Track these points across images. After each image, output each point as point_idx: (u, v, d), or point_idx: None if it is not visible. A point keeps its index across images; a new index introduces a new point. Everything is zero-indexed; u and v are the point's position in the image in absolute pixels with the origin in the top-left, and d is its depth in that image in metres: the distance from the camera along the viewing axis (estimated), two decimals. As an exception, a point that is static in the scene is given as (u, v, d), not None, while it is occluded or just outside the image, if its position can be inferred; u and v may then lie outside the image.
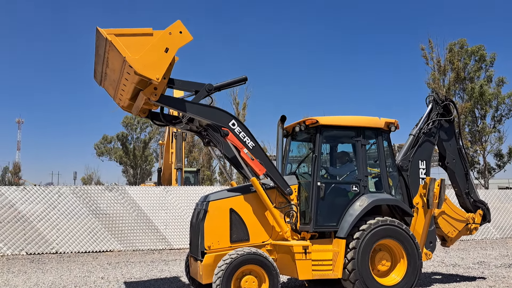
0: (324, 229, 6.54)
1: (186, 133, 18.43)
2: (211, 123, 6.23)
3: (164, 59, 5.38)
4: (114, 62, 5.54)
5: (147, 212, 13.49)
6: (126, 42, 5.19)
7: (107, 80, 6.22)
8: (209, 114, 6.10)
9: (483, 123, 28.64)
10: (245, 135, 6.18)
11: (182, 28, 5.44)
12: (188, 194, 14.04)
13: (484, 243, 14.94)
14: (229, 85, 6.40)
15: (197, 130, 6.81)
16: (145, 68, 5.24)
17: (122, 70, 5.46)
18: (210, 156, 40.67)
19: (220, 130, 6.12)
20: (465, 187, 8.01)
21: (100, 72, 6.17)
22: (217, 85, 6.23)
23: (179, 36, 5.41)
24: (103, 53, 5.55)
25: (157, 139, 47.72)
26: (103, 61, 5.78)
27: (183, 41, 5.46)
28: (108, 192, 13.26)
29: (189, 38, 5.48)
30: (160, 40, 5.35)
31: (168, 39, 5.38)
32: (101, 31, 5.16)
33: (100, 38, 5.31)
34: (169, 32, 5.38)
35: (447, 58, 29.29)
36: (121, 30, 5.24)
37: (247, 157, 6.12)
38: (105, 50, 5.44)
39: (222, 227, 6.15)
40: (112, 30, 5.19)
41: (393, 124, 7.12)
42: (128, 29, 5.29)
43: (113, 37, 5.13)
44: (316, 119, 6.72)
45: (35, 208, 12.48)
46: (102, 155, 51.44)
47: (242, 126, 6.21)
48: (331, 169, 7.42)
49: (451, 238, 7.82)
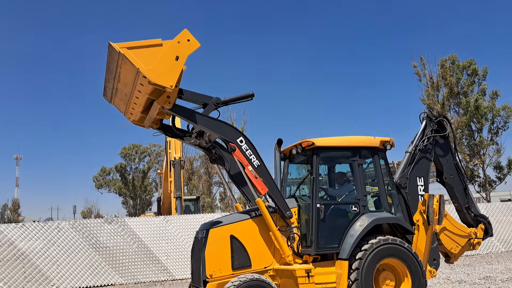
0: (326, 251, 6.49)
1: (184, 161, 18.43)
2: (219, 138, 6.33)
3: (175, 67, 5.55)
4: (127, 76, 5.67)
5: (147, 243, 13.35)
6: (137, 54, 5.36)
7: (118, 96, 6.31)
8: (218, 128, 6.19)
9: (480, 137, 28.73)
10: (252, 153, 6.26)
11: (190, 36, 5.63)
12: (189, 222, 13.93)
13: (489, 257, 14.78)
14: (236, 100, 6.51)
15: (205, 146, 6.87)
16: (159, 76, 5.42)
17: (135, 82, 5.61)
18: (210, 183, 40.59)
19: (228, 146, 6.22)
20: (465, 202, 7.99)
21: (111, 89, 6.27)
22: (225, 99, 6.34)
23: (187, 44, 5.60)
24: (115, 68, 5.68)
25: (156, 168, 47.69)
26: (114, 76, 5.90)
27: (191, 49, 5.64)
28: (107, 225, 13.15)
29: (197, 45, 5.66)
30: (170, 49, 5.53)
31: (178, 48, 5.56)
32: (114, 46, 5.31)
33: (112, 52, 5.45)
34: (178, 41, 5.57)
35: (440, 74, 29.62)
36: (132, 43, 5.41)
37: (251, 175, 6.19)
38: (117, 64, 5.56)
39: (223, 254, 6.09)
40: (124, 44, 5.36)
41: (388, 143, 7.16)
42: (138, 42, 5.45)
43: (125, 50, 5.28)
44: (312, 141, 6.76)
45: (34, 244, 12.34)
46: (101, 187, 51.28)
47: (249, 144, 6.29)
48: (329, 190, 7.41)
49: (454, 254, 7.75)
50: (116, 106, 6.60)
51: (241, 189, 6.87)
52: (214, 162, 7.00)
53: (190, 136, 6.70)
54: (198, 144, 6.84)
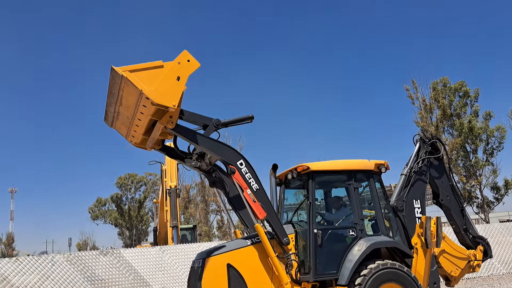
0: (325, 278, 6.39)
1: (180, 189, 18.30)
2: (220, 159, 6.33)
3: (177, 87, 5.63)
4: (129, 98, 5.72)
5: (143, 274, 13.10)
6: (140, 76, 5.43)
7: (119, 119, 6.33)
8: (219, 150, 6.21)
9: (475, 157, 28.84)
10: (251, 177, 6.26)
11: (189, 57, 5.73)
12: (185, 252, 13.72)
13: (490, 279, 14.58)
14: (236, 122, 6.56)
15: (205, 169, 6.84)
16: (161, 97, 5.48)
17: (138, 104, 5.66)
18: (207, 211, 40.20)
19: (227, 168, 6.22)
20: (462, 223, 7.95)
21: (112, 113, 6.29)
22: (225, 121, 6.39)
23: (187, 64, 5.70)
24: (117, 91, 5.73)
25: (152, 198, 47.24)
26: (116, 100, 5.93)
27: (192, 69, 5.73)
28: (102, 257, 12.93)
29: (197, 65, 5.76)
30: (171, 70, 5.61)
31: (178, 68, 5.65)
32: (116, 69, 5.38)
33: (115, 76, 5.51)
34: (178, 62, 5.65)
35: (432, 97, 29.99)
36: (134, 66, 5.48)
37: (249, 198, 6.16)
38: (120, 87, 5.62)
39: (220, 284, 5.98)
40: (126, 67, 5.42)
41: (383, 165, 7.16)
42: (140, 64, 5.53)
43: (128, 74, 5.35)
44: (308, 166, 6.77)
45: (28, 279, 12.08)
46: (96, 219, 50.58)
47: (249, 168, 6.29)
48: (326, 214, 7.37)
49: (454, 277, 7.65)
50: (118, 130, 6.64)
51: (239, 214, 6.83)
52: (213, 185, 6.99)
53: (191, 158, 6.70)
54: (198, 166, 6.83)
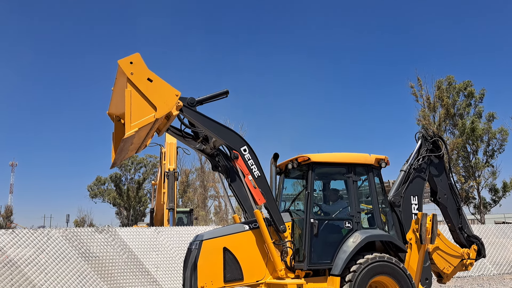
0: (318, 267, 6.46)
1: (178, 172, 18.36)
2: (224, 144, 6.37)
3: (159, 85, 5.57)
4: (140, 135, 5.68)
5: (137, 254, 13.20)
6: (137, 117, 5.33)
7: (129, 152, 6.32)
8: (224, 134, 6.25)
9: (475, 158, 28.84)
10: (253, 163, 6.32)
11: (127, 60, 5.44)
12: (180, 234, 13.81)
13: (481, 279, 14.71)
14: (211, 98, 6.47)
15: (209, 152, 6.83)
16: (167, 103, 5.55)
17: (151, 129, 5.71)
18: (205, 196, 40.40)
19: (231, 153, 6.27)
20: (458, 222, 7.99)
21: (125, 154, 6.24)
22: (200, 98, 6.31)
23: (135, 66, 5.44)
24: (129, 143, 5.70)
25: (151, 180, 47.41)
26: (128, 147, 5.92)
27: (141, 64, 5.50)
28: (98, 234, 13.01)
29: (138, 56, 5.48)
30: (138, 85, 5.41)
31: (138, 76, 5.44)
32: (129, 135, 5.26)
33: (126, 142, 5.44)
34: (131, 73, 5.41)
35: (436, 95, 29.87)
36: (127, 118, 5.30)
37: (250, 184, 6.22)
38: (131, 142, 5.60)
39: (216, 266, 6.05)
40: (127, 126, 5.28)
41: (383, 161, 7.18)
42: (127, 113, 5.32)
43: (135, 126, 5.29)
44: (308, 157, 6.78)
45: (23, 252, 12.18)
46: (95, 197, 50.84)
47: (252, 154, 6.35)
48: (324, 205, 7.40)
49: (447, 274, 7.73)
50: (127, 157, 6.63)
51: (239, 199, 6.87)
52: (215, 169, 7.02)
53: (195, 140, 6.72)
54: (202, 149, 6.84)
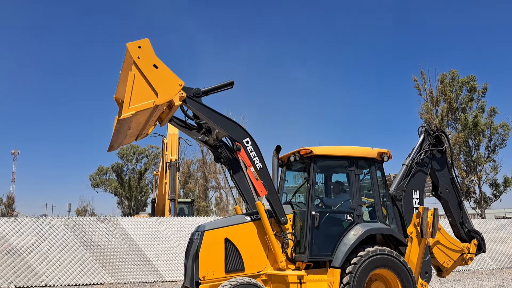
0: (319, 259, 6.49)
1: (179, 163, 18.39)
2: (227, 136, 6.40)
3: (164, 72, 5.58)
4: (139, 120, 5.73)
5: (139, 243, 13.30)
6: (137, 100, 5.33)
7: (127, 138, 6.34)
8: (227, 126, 6.27)
9: (477, 153, 28.80)
10: (256, 155, 6.35)
11: (136, 44, 5.48)
12: (181, 225, 13.89)
13: (480, 273, 14.77)
14: (216, 89, 6.52)
15: (212, 144, 6.88)
16: (169, 91, 5.55)
17: (150, 116, 5.72)
18: (206, 187, 40.45)
19: (233, 144, 6.29)
20: (459, 217, 8.01)
21: (120, 141, 6.27)
22: (205, 89, 6.36)
23: (143, 50, 5.49)
24: (127, 128, 5.72)
25: (152, 170, 47.47)
26: (125, 132, 5.93)
27: (149, 49, 5.54)
28: (100, 224, 13.09)
29: (147, 41, 5.52)
30: (143, 69, 5.44)
31: (144, 61, 5.47)
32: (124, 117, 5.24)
33: (124, 122, 5.43)
34: (138, 57, 5.44)
35: (439, 89, 29.77)
36: (126, 100, 5.30)
37: (252, 176, 6.25)
38: (129, 122, 5.58)
39: (217, 257, 6.10)
40: (125, 108, 5.27)
41: (385, 154, 7.18)
42: (127, 95, 5.33)
43: (133, 109, 5.28)
44: (311, 149, 6.78)
45: (25, 240, 12.27)
46: (97, 187, 50.95)
47: (254, 146, 6.37)
48: (325, 198, 7.42)
49: (446, 268, 7.76)
50: (126, 143, 6.63)
51: (241, 190, 6.90)
52: (217, 160, 7.05)
53: (198, 132, 6.73)
54: (205, 141, 6.87)
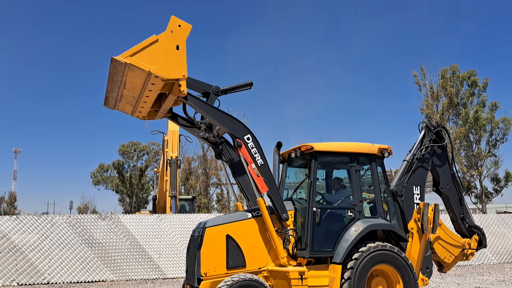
0: (320, 255, 6.51)
1: (180, 160, 18.40)
2: (228, 132, 6.40)
3: (179, 56, 5.59)
4: (134, 81, 5.70)
5: (140, 240, 13.33)
6: (140, 58, 5.38)
7: (123, 100, 6.33)
8: (228, 122, 6.26)
9: (478, 148, 28.80)
10: (257, 152, 6.34)
11: (179, 21, 5.62)
12: (182, 222, 13.92)
13: (481, 268, 14.81)
14: (235, 89, 6.59)
15: (213, 141, 6.88)
16: (170, 71, 5.50)
17: (145, 84, 5.66)
18: (207, 184, 40.48)
19: (234, 141, 6.29)
20: (460, 212, 8.01)
21: (115, 97, 6.27)
22: (224, 88, 6.42)
23: (180, 30, 5.60)
24: (121, 77, 5.69)
25: (153, 167, 47.49)
26: (119, 85, 5.90)
27: (185, 33, 5.65)
28: (101, 221, 13.13)
29: (189, 27, 5.66)
30: (167, 42, 5.53)
31: (173, 37, 5.57)
32: (118, 58, 5.30)
33: (117, 65, 5.43)
34: (171, 30, 5.55)
35: (440, 84, 29.72)
36: (132, 49, 5.39)
37: (253, 173, 6.25)
38: (123, 74, 5.57)
39: (219, 253, 6.12)
40: (125, 54, 5.34)
41: (386, 150, 7.18)
42: (136, 46, 5.43)
43: (130, 59, 5.31)
44: (311, 145, 6.79)
45: (27, 238, 12.31)
46: (98, 184, 51.03)
47: (255, 143, 6.36)
48: (326, 194, 7.43)
49: (447, 263, 7.77)
50: (121, 110, 6.62)
51: (242, 187, 6.92)
52: (219, 157, 7.07)
53: (199, 129, 6.73)
54: (206, 137, 6.88)
